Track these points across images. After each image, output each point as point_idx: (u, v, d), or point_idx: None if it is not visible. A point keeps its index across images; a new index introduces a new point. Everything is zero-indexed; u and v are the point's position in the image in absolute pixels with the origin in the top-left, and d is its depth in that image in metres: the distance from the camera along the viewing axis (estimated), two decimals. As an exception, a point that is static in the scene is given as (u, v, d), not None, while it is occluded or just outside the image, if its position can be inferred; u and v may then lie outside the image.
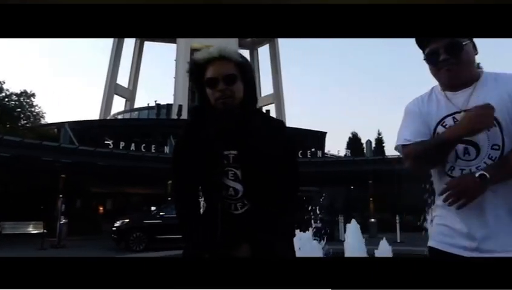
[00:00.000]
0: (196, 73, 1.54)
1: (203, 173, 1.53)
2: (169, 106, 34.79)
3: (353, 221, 6.43)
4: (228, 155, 1.52)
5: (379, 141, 33.34)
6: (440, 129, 1.46)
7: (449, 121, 1.45)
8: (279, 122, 1.63)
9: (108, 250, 12.51)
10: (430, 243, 1.52)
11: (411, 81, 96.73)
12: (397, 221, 15.80)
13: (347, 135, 37.10)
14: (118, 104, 45.43)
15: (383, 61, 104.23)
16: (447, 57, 1.43)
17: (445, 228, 1.46)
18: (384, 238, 6.81)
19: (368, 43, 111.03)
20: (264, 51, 47.13)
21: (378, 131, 34.91)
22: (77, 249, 12.99)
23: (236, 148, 1.51)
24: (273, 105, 43.48)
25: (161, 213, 13.49)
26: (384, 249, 6.51)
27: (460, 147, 1.41)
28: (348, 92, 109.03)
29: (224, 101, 1.48)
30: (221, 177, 1.52)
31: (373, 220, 17.85)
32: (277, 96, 44.63)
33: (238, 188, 1.52)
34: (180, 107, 30.69)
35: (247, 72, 1.54)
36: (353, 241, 5.95)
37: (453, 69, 1.44)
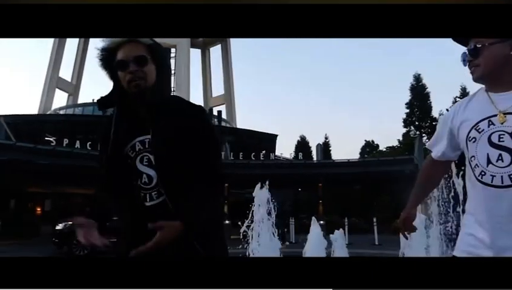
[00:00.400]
0: (107, 59, 1.49)
1: (122, 163, 1.48)
2: (116, 102, 33.35)
3: (316, 225, 6.54)
4: (144, 140, 1.47)
5: (326, 145, 34.51)
6: (473, 133, 1.42)
7: (483, 125, 1.40)
8: (198, 107, 1.57)
9: (48, 255, 11.68)
10: (455, 252, 1.49)
11: (362, 84, 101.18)
12: (346, 223, 16.32)
13: (296, 138, 37.92)
14: (60, 99, 43.04)
15: (334, 63, 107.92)
16: (470, 58, 1.45)
17: (470, 237, 1.43)
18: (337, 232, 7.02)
19: (321, 44, 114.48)
20: (215, 51, 46.95)
21: (325, 135, 36.09)
22: (11, 254, 12.02)
23: (150, 132, 1.47)
24: (224, 106, 43.38)
25: (108, 215, 12.83)
26: (339, 237, 6.75)
27: (493, 152, 1.37)
28: (300, 94, 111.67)
29: (136, 83, 1.43)
30: (134, 162, 1.47)
31: (322, 222, 18.31)
32: (228, 97, 44.57)
33: (151, 175, 1.46)
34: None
35: (158, 55, 1.50)
36: (315, 245, 6.08)
37: (475, 70, 1.45)
